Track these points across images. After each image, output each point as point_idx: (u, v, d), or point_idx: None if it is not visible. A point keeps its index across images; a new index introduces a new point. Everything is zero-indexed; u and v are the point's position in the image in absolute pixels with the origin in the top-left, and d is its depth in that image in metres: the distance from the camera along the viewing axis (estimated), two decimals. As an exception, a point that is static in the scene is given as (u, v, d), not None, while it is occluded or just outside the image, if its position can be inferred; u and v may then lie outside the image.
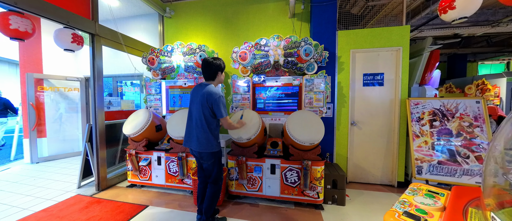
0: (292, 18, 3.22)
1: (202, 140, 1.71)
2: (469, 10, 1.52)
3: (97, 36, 2.50)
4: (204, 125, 1.71)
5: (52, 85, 3.94)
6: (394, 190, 2.70)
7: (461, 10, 1.53)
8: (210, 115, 1.71)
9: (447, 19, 1.65)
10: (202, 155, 1.75)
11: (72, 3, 2.32)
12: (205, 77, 1.83)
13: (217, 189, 1.80)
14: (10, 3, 1.74)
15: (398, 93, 2.70)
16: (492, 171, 0.72)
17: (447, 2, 1.60)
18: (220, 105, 1.69)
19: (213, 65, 1.77)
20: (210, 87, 1.74)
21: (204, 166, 1.81)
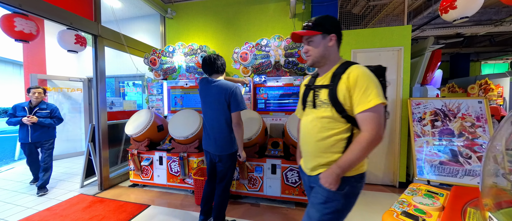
0: (293, 18, 3.22)
1: (221, 142, 1.60)
2: (470, 9, 1.51)
3: (99, 38, 2.53)
4: (222, 125, 1.58)
5: (55, 86, 3.99)
6: (395, 190, 2.69)
7: (463, 10, 1.53)
8: (227, 111, 1.57)
9: (448, 19, 1.64)
10: (222, 157, 1.62)
11: (75, 5, 2.36)
12: (209, 72, 1.69)
13: (227, 196, 1.73)
14: (15, 5, 1.77)
15: (400, 93, 2.69)
16: (490, 171, 0.72)
17: (448, 1, 1.60)
18: (238, 97, 1.55)
19: (220, 60, 1.68)
20: (222, 82, 1.61)
21: (219, 168, 1.69)
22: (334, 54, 0.90)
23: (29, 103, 2.54)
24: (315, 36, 0.87)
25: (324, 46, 0.87)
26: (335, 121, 0.85)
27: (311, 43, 0.88)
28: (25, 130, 2.49)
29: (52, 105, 2.66)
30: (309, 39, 0.89)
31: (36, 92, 2.54)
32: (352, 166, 0.81)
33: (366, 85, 0.78)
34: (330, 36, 0.87)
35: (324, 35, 0.87)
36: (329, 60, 0.89)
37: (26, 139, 2.51)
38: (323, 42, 0.87)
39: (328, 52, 0.88)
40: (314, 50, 0.88)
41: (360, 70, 0.80)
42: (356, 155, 0.79)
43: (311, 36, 0.88)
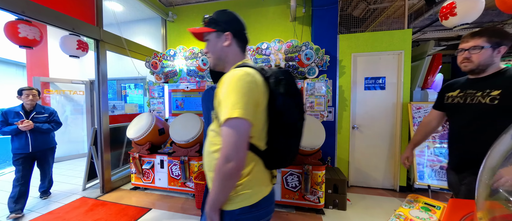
0: (293, 21, 3.23)
1: None
2: (470, 16, 1.51)
3: (101, 42, 2.56)
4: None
5: (58, 88, 4.03)
6: (396, 194, 2.69)
7: (462, 17, 1.53)
8: None
9: (449, 25, 1.64)
10: None
11: (77, 10, 2.38)
12: (214, 78, 1.72)
13: None
14: (18, 11, 1.80)
15: (400, 97, 2.69)
16: (486, 183, 0.72)
17: (448, 8, 1.60)
18: None
19: None
20: None
21: None
22: (233, 55, 0.77)
23: (22, 108, 2.18)
24: (210, 35, 0.77)
25: (219, 46, 0.76)
26: (217, 135, 0.70)
27: (208, 42, 0.78)
28: (23, 138, 2.12)
29: (50, 108, 2.37)
30: (206, 38, 0.79)
31: (30, 95, 2.17)
32: (219, 199, 0.65)
33: (226, 94, 0.63)
34: (225, 34, 0.75)
35: (218, 33, 0.76)
36: (227, 63, 0.77)
37: (25, 148, 2.12)
38: (217, 41, 0.76)
39: (224, 53, 0.77)
40: (211, 50, 0.78)
41: (228, 75, 0.65)
42: (214, 186, 0.64)
43: (207, 34, 0.78)
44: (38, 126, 2.18)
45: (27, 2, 1.83)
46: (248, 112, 0.61)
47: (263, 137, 0.70)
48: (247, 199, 0.68)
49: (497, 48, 0.98)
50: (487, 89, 0.99)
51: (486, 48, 0.99)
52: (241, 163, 0.62)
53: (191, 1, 3.61)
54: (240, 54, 0.79)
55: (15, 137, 2.12)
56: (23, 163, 2.15)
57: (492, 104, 0.97)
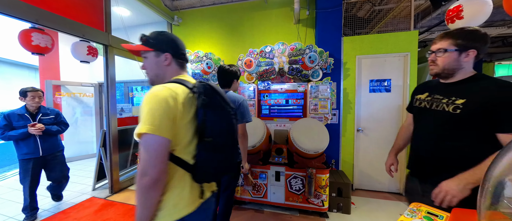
0: (297, 24, 3.23)
1: None
2: (477, 20, 1.48)
3: (110, 47, 2.64)
4: None
5: (68, 91, 4.17)
6: (401, 198, 2.66)
7: (470, 20, 1.50)
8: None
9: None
10: None
11: (87, 17, 2.47)
12: (221, 84, 1.74)
13: (231, 204, 1.77)
14: (32, 20, 1.89)
15: (406, 99, 2.65)
16: (489, 191, 0.72)
17: (454, 11, 1.57)
18: (245, 109, 1.59)
19: (229, 73, 1.69)
20: (229, 94, 1.66)
21: (223, 178, 1.71)
22: (171, 73, 0.82)
23: (26, 110, 2.05)
24: (148, 53, 0.81)
25: (158, 64, 0.81)
26: None
27: (146, 60, 0.83)
28: (32, 142, 2.01)
29: (55, 110, 2.27)
30: (143, 55, 0.83)
31: (36, 96, 2.04)
32: (144, 215, 0.66)
33: (141, 110, 0.66)
34: (164, 54, 0.80)
35: (157, 52, 0.80)
36: (165, 79, 0.82)
37: (35, 153, 2.02)
38: (156, 61, 0.81)
39: (162, 71, 0.82)
40: (149, 67, 0.82)
41: (147, 92, 0.69)
42: (136, 201, 0.66)
43: (144, 52, 0.81)
44: (48, 128, 2.09)
45: (41, 11, 1.92)
46: (161, 128, 0.63)
47: (191, 150, 0.72)
48: (170, 214, 0.69)
49: (464, 51, 0.90)
50: (453, 96, 0.93)
51: (450, 52, 0.92)
52: (156, 175, 0.63)
53: (195, 5, 3.67)
54: (178, 71, 0.84)
55: (21, 142, 1.99)
56: (33, 168, 2.05)
57: (454, 114, 0.91)
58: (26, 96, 2.03)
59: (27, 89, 2.03)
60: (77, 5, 2.33)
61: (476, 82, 0.92)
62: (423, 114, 1.06)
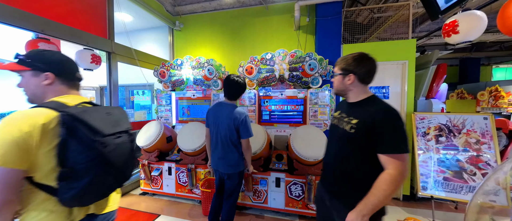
0: (297, 30, 3.28)
1: (232, 162, 1.70)
2: (472, 35, 1.53)
3: (113, 54, 2.68)
4: (231, 146, 1.69)
5: (70, 95, 4.20)
6: (399, 203, 2.71)
7: (465, 35, 1.55)
8: (237, 136, 1.68)
9: (451, 42, 1.67)
10: (231, 175, 1.73)
11: (91, 24, 2.50)
12: (228, 95, 1.74)
13: (234, 211, 1.83)
14: (38, 30, 1.93)
15: (404, 106, 2.71)
16: (477, 205, 0.77)
17: (450, 26, 1.62)
18: (247, 125, 1.65)
19: (241, 87, 1.72)
20: (234, 107, 1.70)
21: (227, 185, 1.79)
22: (53, 93, 0.81)
23: None
24: (25, 72, 0.79)
25: (35, 84, 0.79)
26: None
27: (23, 78, 0.80)
28: None
29: None
30: (19, 74, 0.81)
31: None
32: None
33: None
34: (44, 74, 0.79)
35: (35, 72, 0.78)
36: (45, 100, 0.80)
37: None
38: (34, 80, 0.79)
39: (40, 90, 0.80)
40: (25, 86, 0.81)
41: (2, 119, 0.69)
42: None
43: (21, 70, 0.79)
44: None
45: (46, 21, 1.95)
46: (7, 158, 0.63)
47: (55, 176, 0.71)
48: None
49: (346, 75, 1.01)
50: (351, 116, 1.01)
51: (336, 75, 1.05)
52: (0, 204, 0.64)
53: (197, 10, 3.71)
54: (63, 91, 0.83)
55: None
56: None
57: (350, 133, 0.98)
58: None
59: None
60: (81, 13, 2.37)
61: (367, 105, 1.00)
62: (333, 131, 1.15)
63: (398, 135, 0.89)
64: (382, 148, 0.89)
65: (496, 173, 1.07)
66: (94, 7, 2.53)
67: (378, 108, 0.95)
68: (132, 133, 0.95)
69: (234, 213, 1.85)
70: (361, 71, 1.00)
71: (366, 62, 1.01)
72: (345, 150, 1.03)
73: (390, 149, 0.88)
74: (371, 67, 1.01)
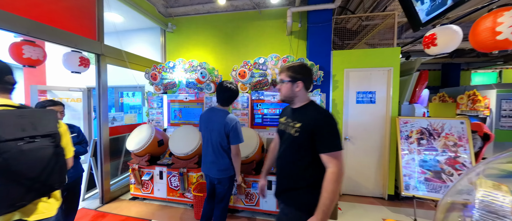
0: (289, 35, 3.35)
1: (222, 167, 1.73)
2: (449, 48, 1.66)
3: (102, 56, 2.62)
4: (221, 152, 1.72)
5: (55, 96, 4.03)
6: (384, 202, 2.85)
7: (442, 48, 1.68)
8: (228, 142, 1.71)
9: (431, 53, 1.79)
10: (221, 180, 1.76)
11: (79, 25, 2.43)
12: (221, 101, 1.77)
13: (225, 215, 1.84)
14: (23, 32, 1.86)
15: (389, 111, 2.85)
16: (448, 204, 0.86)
17: (430, 38, 1.75)
18: (237, 131, 1.67)
19: (233, 92, 1.75)
20: (226, 113, 1.73)
21: (218, 190, 1.81)
22: None
23: None
24: None
25: None
26: None
27: None
28: None
29: (76, 126, 1.88)
30: None
31: (59, 112, 1.64)
32: None
33: None
34: None
35: None
36: None
37: None
38: None
39: None
40: None
41: None
42: None
43: None
44: (77, 150, 1.64)
45: (31, 23, 1.89)
46: None
47: None
48: None
49: (295, 82, 1.07)
50: (295, 120, 1.07)
51: (285, 82, 1.09)
52: None
53: (190, 12, 3.69)
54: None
55: None
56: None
57: (295, 136, 1.04)
58: None
59: (46, 103, 1.60)
60: (69, 14, 2.30)
61: (308, 109, 1.08)
62: (281, 136, 1.21)
63: (334, 135, 0.97)
64: (323, 148, 0.97)
65: (469, 174, 1.17)
66: (82, 7, 2.47)
67: (317, 112, 1.03)
68: (56, 137, 0.89)
69: (226, 217, 1.87)
70: (308, 79, 1.09)
71: (310, 71, 1.12)
72: (292, 153, 1.08)
73: (328, 148, 0.96)
74: (313, 76, 1.10)
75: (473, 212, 0.58)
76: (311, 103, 1.10)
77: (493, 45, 1.26)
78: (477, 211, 0.57)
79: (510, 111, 5.01)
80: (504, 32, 1.20)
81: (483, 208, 0.58)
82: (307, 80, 1.09)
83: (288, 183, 1.10)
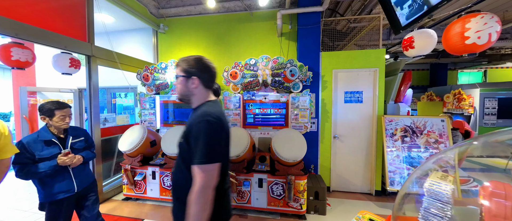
0: (280, 37, 3.43)
1: None
2: (425, 50, 1.77)
3: (93, 57, 2.62)
4: None
5: (45, 98, 3.98)
6: (372, 198, 2.96)
7: (419, 50, 1.78)
8: None
9: (409, 55, 1.90)
10: None
11: (69, 26, 2.43)
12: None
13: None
14: (12, 34, 1.86)
15: (375, 110, 2.96)
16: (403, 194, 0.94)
17: (408, 41, 1.85)
18: None
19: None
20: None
21: None
22: None
23: (50, 132, 1.49)
24: None
25: None
26: None
27: None
28: (65, 176, 1.49)
29: (82, 129, 1.72)
30: None
31: (67, 116, 1.53)
32: None
33: None
34: None
35: None
36: None
37: (71, 190, 1.50)
38: None
39: None
40: None
41: None
42: None
43: None
44: (84, 156, 1.58)
45: (20, 25, 1.89)
46: None
47: None
48: None
49: (189, 78, 0.91)
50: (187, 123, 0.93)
51: (180, 78, 0.93)
52: None
53: (182, 14, 3.71)
54: None
55: (48, 178, 1.44)
56: (66, 210, 1.50)
57: (180, 142, 0.93)
58: (53, 116, 1.46)
59: (53, 106, 1.47)
60: (58, 15, 2.30)
61: (198, 110, 0.92)
62: None
63: (207, 144, 0.80)
64: (192, 157, 0.81)
65: (424, 165, 1.27)
66: (72, 9, 2.47)
67: (200, 114, 0.85)
68: None
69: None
70: (204, 75, 0.93)
71: (208, 67, 0.94)
72: (177, 162, 0.95)
73: (197, 158, 0.80)
74: (213, 72, 0.96)
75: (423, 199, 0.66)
76: (205, 104, 0.93)
77: (462, 49, 1.36)
78: (426, 198, 0.65)
79: (493, 108, 5.25)
80: (471, 37, 1.31)
81: (430, 195, 0.65)
82: (203, 77, 0.93)
83: (173, 194, 0.97)
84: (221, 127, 0.85)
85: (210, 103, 0.94)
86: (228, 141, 0.94)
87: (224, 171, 0.92)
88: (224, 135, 0.88)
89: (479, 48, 1.30)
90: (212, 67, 0.96)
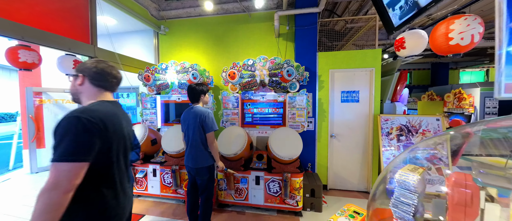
0: (277, 38, 3.48)
1: (197, 157, 1.89)
2: (416, 50, 1.81)
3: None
4: (198, 144, 1.89)
5: (50, 98, 4.11)
6: (368, 196, 2.99)
7: (410, 50, 1.82)
8: (202, 132, 1.88)
9: (401, 55, 1.94)
10: (198, 170, 1.90)
11: (72, 29, 2.52)
12: (190, 100, 2.02)
13: (210, 205, 1.99)
14: (18, 37, 1.95)
15: (372, 109, 3.00)
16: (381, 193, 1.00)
17: (399, 42, 1.89)
18: (208, 120, 1.86)
19: (196, 90, 1.97)
20: (197, 108, 1.93)
21: (198, 182, 1.97)
22: None
23: None
24: None
25: None
26: None
27: None
28: None
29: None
30: None
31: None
32: None
33: None
34: None
35: None
36: None
37: None
38: None
39: None
40: None
41: None
42: None
43: None
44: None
45: (25, 28, 1.98)
46: None
47: None
48: None
49: (77, 76, 0.93)
50: None
51: (69, 76, 0.95)
52: None
53: (182, 15, 3.80)
54: None
55: None
56: None
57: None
58: None
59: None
60: (62, 18, 2.39)
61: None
62: None
63: (62, 140, 0.75)
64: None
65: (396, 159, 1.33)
66: (75, 12, 2.56)
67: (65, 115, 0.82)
68: None
69: (211, 207, 2.01)
70: (92, 74, 0.92)
71: (98, 63, 0.95)
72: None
73: (53, 155, 0.75)
74: (103, 67, 0.95)
75: (394, 189, 0.71)
76: (94, 103, 0.91)
77: (447, 49, 1.40)
78: (396, 188, 0.70)
79: (493, 108, 5.22)
80: (455, 38, 1.35)
81: (399, 185, 0.70)
82: (90, 75, 0.92)
83: None
84: (96, 126, 0.80)
85: (100, 103, 0.91)
86: (116, 143, 0.90)
87: (108, 174, 0.88)
88: (102, 135, 0.83)
89: (463, 49, 1.34)
90: (107, 67, 0.96)
